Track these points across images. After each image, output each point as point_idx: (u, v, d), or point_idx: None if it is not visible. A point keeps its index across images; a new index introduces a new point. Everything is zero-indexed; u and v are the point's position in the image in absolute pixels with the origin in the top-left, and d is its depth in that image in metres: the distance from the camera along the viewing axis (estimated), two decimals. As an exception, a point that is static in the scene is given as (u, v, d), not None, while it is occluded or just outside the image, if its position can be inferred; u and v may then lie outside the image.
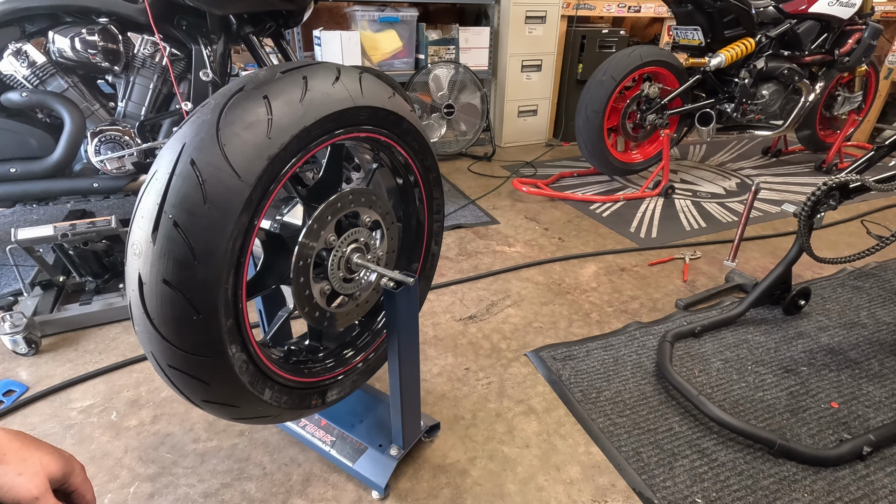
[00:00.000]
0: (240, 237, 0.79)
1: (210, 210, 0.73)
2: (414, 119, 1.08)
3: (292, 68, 0.84)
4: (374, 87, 0.97)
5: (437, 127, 3.37)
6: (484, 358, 1.62)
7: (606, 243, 2.40)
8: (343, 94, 0.89)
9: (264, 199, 0.82)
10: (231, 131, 0.75)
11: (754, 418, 1.39)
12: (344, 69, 0.92)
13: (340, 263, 1.01)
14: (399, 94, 1.07)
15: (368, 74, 0.97)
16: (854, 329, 1.77)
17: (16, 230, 1.57)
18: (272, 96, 0.79)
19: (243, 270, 0.85)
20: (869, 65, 3.34)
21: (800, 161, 3.66)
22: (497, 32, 3.63)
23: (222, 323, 0.81)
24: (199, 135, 0.74)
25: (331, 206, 0.95)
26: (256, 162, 0.76)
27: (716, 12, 2.74)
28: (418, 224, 1.26)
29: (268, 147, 0.78)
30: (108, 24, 1.72)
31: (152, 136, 1.89)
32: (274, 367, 1.00)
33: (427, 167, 1.18)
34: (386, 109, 0.98)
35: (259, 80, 0.80)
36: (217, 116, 0.75)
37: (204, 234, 0.74)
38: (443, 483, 1.21)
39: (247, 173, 0.76)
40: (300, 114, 0.82)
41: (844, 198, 1.62)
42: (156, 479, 1.20)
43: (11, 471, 0.53)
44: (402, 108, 1.04)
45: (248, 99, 0.77)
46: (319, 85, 0.86)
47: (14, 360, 1.57)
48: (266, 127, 0.77)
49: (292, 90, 0.82)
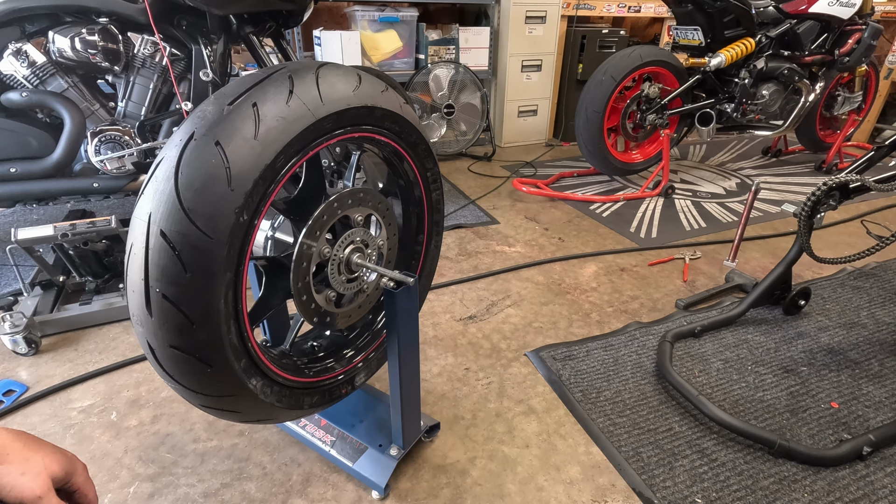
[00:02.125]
0: (230, 289, 0.80)
1: (193, 277, 0.73)
2: (388, 102, 0.99)
3: (240, 95, 0.77)
4: (337, 84, 0.88)
5: (437, 127, 3.37)
6: (484, 358, 1.62)
7: (606, 243, 2.40)
8: (300, 111, 0.81)
9: (246, 243, 0.80)
10: (192, 192, 0.71)
11: (754, 418, 1.39)
12: (297, 77, 0.83)
13: (340, 268, 1.01)
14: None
15: (328, 70, 0.89)
16: (854, 329, 1.77)
17: (16, 230, 1.57)
18: (224, 140, 0.73)
19: (242, 306, 0.86)
20: (869, 65, 3.34)
21: (800, 161, 3.66)
22: (497, 32, 3.63)
23: (236, 368, 0.85)
24: (162, 203, 0.72)
25: (318, 222, 0.93)
26: (224, 218, 0.74)
27: (716, 12, 2.74)
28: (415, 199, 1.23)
29: (232, 199, 0.74)
30: (108, 24, 1.72)
31: (152, 136, 1.89)
32: (294, 376, 1.04)
33: (412, 144, 1.12)
34: (353, 108, 0.90)
35: (208, 122, 0.74)
36: (174, 181, 0.71)
37: (194, 300, 0.75)
38: (443, 483, 1.21)
39: (217, 232, 0.73)
40: (258, 152, 0.76)
41: (844, 198, 1.62)
42: (156, 479, 1.20)
43: (14, 470, 0.53)
44: (371, 96, 0.94)
45: (201, 149, 0.73)
46: (272, 109, 0.78)
47: (14, 360, 1.57)
48: (225, 178, 0.73)
49: (244, 126, 0.75)
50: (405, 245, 1.28)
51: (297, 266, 0.92)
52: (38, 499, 0.52)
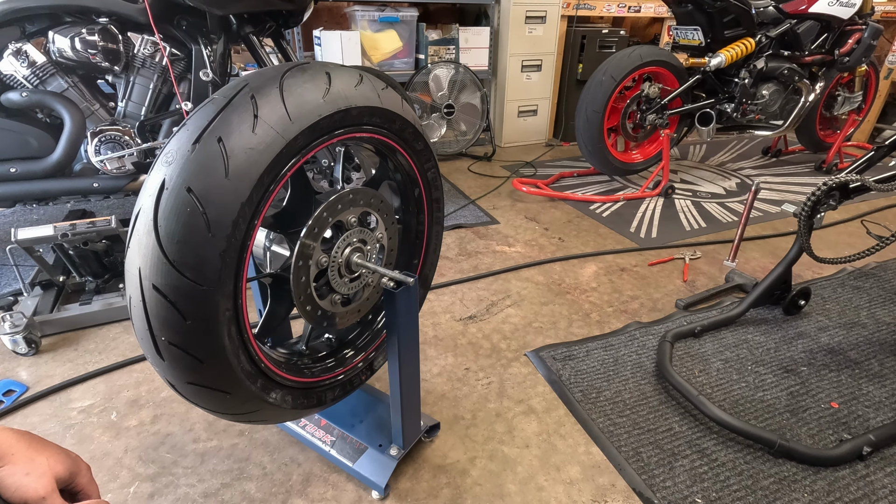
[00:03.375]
0: (232, 323, 0.82)
1: (193, 324, 0.75)
2: (364, 98, 0.92)
3: (204, 129, 0.73)
4: (305, 94, 0.81)
5: (437, 127, 3.37)
6: (484, 358, 1.62)
7: (606, 243, 2.40)
8: (268, 137, 0.77)
9: (239, 277, 0.81)
10: (175, 245, 0.71)
11: (754, 418, 1.39)
12: (260, 96, 0.77)
13: (341, 271, 1.01)
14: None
15: (294, 79, 0.81)
16: (854, 329, 1.77)
17: (16, 230, 1.57)
18: (195, 184, 0.71)
19: (248, 334, 0.88)
20: (869, 65, 3.34)
21: (800, 161, 3.66)
22: (497, 32, 3.63)
23: (254, 389, 0.89)
24: (149, 258, 0.72)
25: (310, 234, 0.92)
26: (211, 264, 0.74)
27: (716, 12, 2.74)
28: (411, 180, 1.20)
29: (215, 244, 0.74)
30: (108, 24, 1.72)
31: (152, 136, 1.89)
32: (312, 378, 1.06)
33: (396, 131, 1.06)
34: (326, 116, 0.84)
35: (177, 166, 0.72)
36: (156, 235, 0.71)
37: (199, 343, 0.77)
38: (443, 483, 1.21)
39: (207, 279, 0.74)
40: (232, 191, 0.73)
41: (844, 198, 1.62)
42: (156, 479, 1.20)
43: (19, 471, 0.53)
44: (344, 97, 0.88)
45: (175, 198, 0.71)
46: (239, 141, 0.74)
47: (14, 360, 1.57)
48: (204, 224, 0.72)
49: (213, 165, 0.72)
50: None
51: (297, 280, 0.93)
52: (42, 499, 0.52)
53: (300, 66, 0.84)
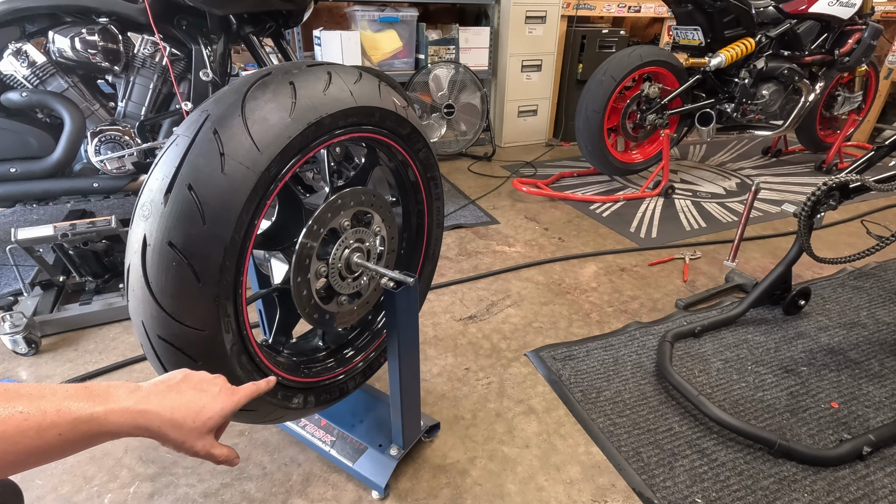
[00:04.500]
0: (243, 353, 0.87)
1: (205, 364, 0.79)
2: (336, 102, 0.86)
3: (173, 179, 0.72)
4: (270, 117, 0.77)
5: (437, 127, 3.37)
6: (484, 358, 1.62)
7: (606, 243, 2.40)
8: (239, 174, 0.74)
9: (239, 312, 0.85)
10: (169, 298, 0.74)
11: (754, 418, 1.39)
12: (223, 129, 0.74)
13: (342, 273, 1.01)
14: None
15: (256, 101, 0.76)
16: (854, 329, 1.77)
17: (16, 230, 1.57)
18: (176, 238, 0.72)
19: (261, 358, 0.92)
20: (869, 65, 3.34)
21: (800, 161, 3.66)
22: (497, 32, 3.63)
23: (275, 402, 0.95)
24: (149, 312, 0.75)
25: (303, 250, 0.91)
26: (207, 309, 0.77)
27: (716, 12, 2.74)
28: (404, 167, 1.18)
29: (207, 291, 0.76)
30: (108, 24, 1.72)
31: (152, 136, 1.89)
32: (329, 374, 1.10)
33: (376, 123, 1.02)
34: (298, 135, 0.80)
35: (154, 219, 0.72)
36: (149, 291, 0.73)
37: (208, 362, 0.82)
38: (443, 483, 1.21)
39: (206, 323, 0.77)
40: (213, 237, 0.74)
41: (844, 198, 1.62)
42: (156, 479, 1.20)
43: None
44: (314, 108, 0.83)
45: (160, 254, 0.73)
46: (209, 185, 0.72)
47: (14, 360, 1.57)
48: (193, 276, 0.74)
49: (189, 214, 0.72)
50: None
51: (299, 294, 0.94)
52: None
53: (261, 83, 0.78)
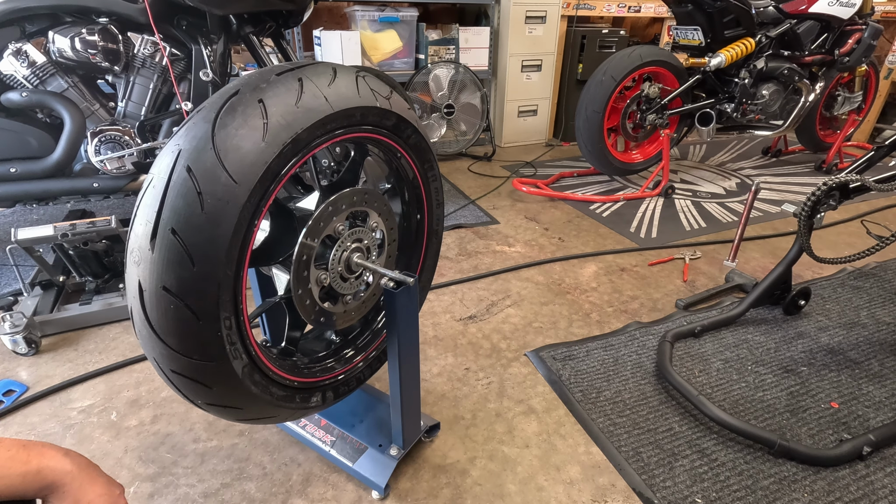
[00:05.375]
0: (255, 372, 0.90)
1: (219, 389, 0.84)
2: (313, 113, 0.82)
3: (156, 224, 0.72)
4: (244, 144, 0.74)
5: (437, 127, 3.37)
6: (484, 358, 1.62)
7: (606, 243, 2.40)
8: (220, 210, 0.73)
9: (248, 345, 0.86)
10: (172, 337, 0.76)
11: (754, 418, 1.39)
12: (197, 166, 0.71)
13: (344, 275, 1.01)
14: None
15: (227, 129, 0.73)
16: (854, 329, 1.77)
17: (16, 230, 1.57)
18: (168, 282, 0.73)
19: (273, 370, 0.95)
20: (869, 65, 3.34)
21: (800, 161, 3.66)
22: (497, 32, 3.63)
23: (294, 406, 1.00)
24: (156, 349, 0.77)
25: (300, 264, 0.91)
26: (211, 342, 0.79)
27: (716, 12, 2.74)
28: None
29: (209, 327, 0.78)
30: (108, 24, 1.72)
31: (152, 136, 1.89)
32: (341, 370, 1.12)
33: (359, 122, 0.97)
34: (275, 159, 0.77)
35: (146, 268, 0.72)
36: (153, 332, 0.75)
37: (232, 398, 0.87)
38: (443, 483, 1.21)
39: (214, 355, 0.80)
40: (205, 277, 0.74)
41: (844, 198, 1.62)
42: (156, 479, 1.20)
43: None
44: (289, 126, 0.78)
45: (157, 300, 0.74)
46: (192, 226, 0.71)
47: (14, 360, 1.57)
48: (193, 316, 0.75)
49: (178, 259, 0.72)
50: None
51: (302, 304, 0.95)
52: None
53: (230, 107, 0.74)
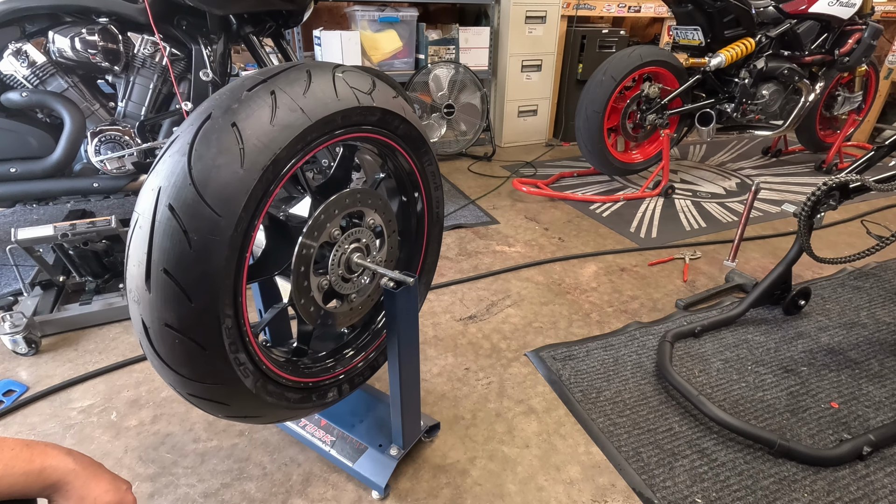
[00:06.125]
0: (268, 383, 0.93)
1: (235, 407, 0.88)
2: (287, 131, 0.78)
3: (149, 264, 0.72)
4: (226, 172, 0.72)
5: (437, 127, 3.37)
6: (484, 358, 1.62)
7: (606, 243, 2.40)
8: (208, 244, 0.73)
9: (259, 365, 0.89)
10: (185, 367, 0.79)
11: (754, 418, 1.39)
12: (180, 205, 0.70)
13: (345, 277, 1.01)
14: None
15: (204, 163, 0.71)
16: (854, 329, 1.77)
17: (16, 230, 1.57)
18: (169, 320, 0.75)
19: (283, 376, 0.97)
20: (869, 65, 3.34)
21: (800, 161, 3.66)
22: (497, 32, 3.63)
23: (312, 404, 1.03)
24: (170, 379, 0.81)
25: (297, 272, 0.91)
26: (223, 365, 0.82)
27: (716, 12, 2.74)
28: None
29: (217, 353, 0.80)
30: (108, 24, 1.72)
31: (152, 136, 1.89)
32: (349, 366, 1.14)
33: (342, 126, 0.92)
34: (255, 188, 0.75)
35: (146, 306, 0.74)
36: (164, 364, 0.78)
37: (252, 409, 0.91)
38: (443, 483, 1.21)
39: (226, 378, 0.83)
40: (204, 311, 0.76)
41: (844, 198, 1.62)
42: (156, 479, 1.20)
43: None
44: (267, 149, 0.75)
45: (162, 336, 0.76)
46: (184, 264, 0.72)
47: (14, 360, 1.57)
48: (199, 349, 0.78)
49: (175, 297, 0.73)
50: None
51: (307, 312, 0.96)
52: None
53: (203, 137, 0.72)
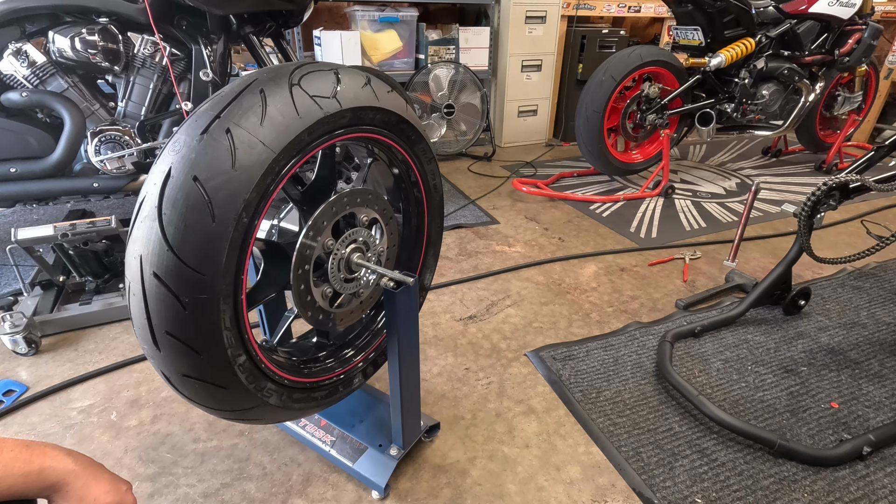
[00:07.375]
0: (286, 392, 0.97)
1: (246, 413, 0.91)
2: (260, 158, 0.75)
3: (151, 327, 0.74)
4: (203, 238, 0.70)
5: (437, 127, 3.37)
6: (484, 358, 1.62)
7: (606, 243, 2.40)
8: (201, 305, 0.73)
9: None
10: (203, 403, 0.84)
11: (754, 418, 1.39)
12: (170, 279, 0.70)
13: (346, 278, 1.01)
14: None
15: (182, 210, 0.69)
16: (854, 329, 1.77)
17: (16, 230, 1.57)
18: (184, 370, 0.79)
19: (287, 377, 0.98)
20: (869, 65, 3.34)
21: (800, 161, 3.66)
22: (497, 32, 3.63)
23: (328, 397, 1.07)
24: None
25: (298, 284, 0.91)
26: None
27: (716, 12, 2.74)
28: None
29: (232, 395, 0.86)
30: (108, 24, 1.72)
31: (152, 136, 1.89)
32: (352, 365, 1.17)
33: (330, 131, 0.89)
34: (233, 230, 0.74)
35: (155, 359, 0.77)
36: (178, 392, 0.81)
37: (271, 418, 0.96)
38: (443, 483, 1.21)
39: (243, 407, 0.89)
40: (209, 364, 0.80)
41: (844, 198, 1.62)
42: (156, 479, 1.20)
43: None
44: (249, 175, 0.73)
45: (182, 385, 0.80)
46: (179, 324, 0.73)
47: (14, 360, 1.57)
48: (214, 388, 0.83)
49: (180, 358, 0.77)
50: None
51: (315, 321, 0.98)
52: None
53: (169, 199, 0.69)
